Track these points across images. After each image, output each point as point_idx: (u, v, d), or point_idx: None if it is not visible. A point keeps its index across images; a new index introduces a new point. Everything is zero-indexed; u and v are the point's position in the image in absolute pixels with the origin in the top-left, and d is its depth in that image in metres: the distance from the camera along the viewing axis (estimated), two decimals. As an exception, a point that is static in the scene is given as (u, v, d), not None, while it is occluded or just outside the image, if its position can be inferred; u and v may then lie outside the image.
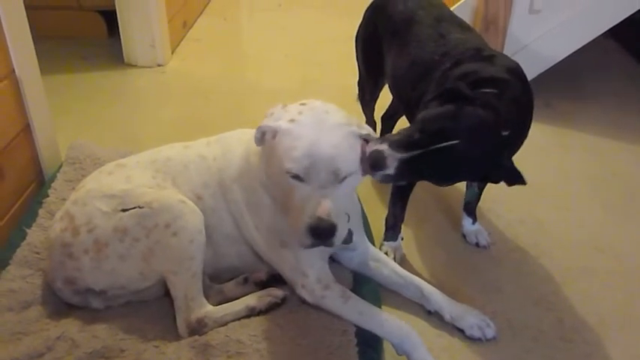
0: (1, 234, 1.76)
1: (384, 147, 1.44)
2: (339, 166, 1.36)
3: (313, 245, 1.38)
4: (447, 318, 1.64)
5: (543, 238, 2.03)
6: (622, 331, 1.69)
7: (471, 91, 1.50)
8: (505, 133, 1.47)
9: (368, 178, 1.51)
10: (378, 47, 2.05)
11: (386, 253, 1.85)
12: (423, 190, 1.90)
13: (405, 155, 1.44)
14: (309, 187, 1.37)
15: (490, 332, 1.62)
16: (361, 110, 2.42)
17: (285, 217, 1.46)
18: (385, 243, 1.89)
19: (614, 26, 2.67)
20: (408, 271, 1.74)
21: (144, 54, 3.18)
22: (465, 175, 1.58)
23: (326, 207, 1.34)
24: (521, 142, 1.65)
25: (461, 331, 1.63)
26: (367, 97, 2.35)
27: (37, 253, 1.67)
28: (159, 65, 3.22)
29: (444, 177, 1.52)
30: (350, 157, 1.41)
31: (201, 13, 4.00)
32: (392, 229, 1.88)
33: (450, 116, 1.47)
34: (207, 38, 3.68)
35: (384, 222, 1.90)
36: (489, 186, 1.81)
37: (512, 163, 1.49)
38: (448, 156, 1.43)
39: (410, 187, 1.85)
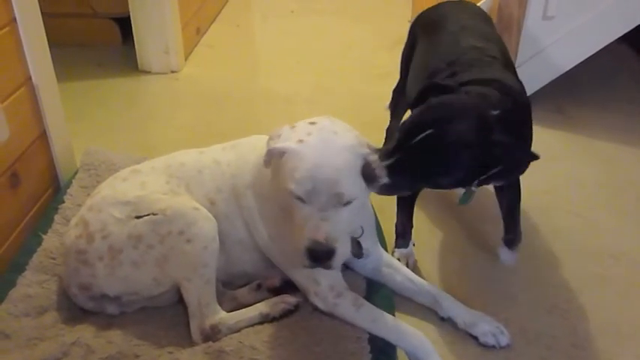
0: (18, 240, 1.77)
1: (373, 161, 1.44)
2: (341, 190, 1.35)
3: (312, 267, 1.39)
4: (460, 325, 1.64)
5: (557, 245, 2.02)
6: (637, 340, 1.67)
7: (451, 83, 1.49)
8: (494, 112, 1.41)
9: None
10: (412, 56, 2.04)
11: (398, 260, 1.84)
12: (435, 196, 1.90)
13: (389, 161, 1.43)
14: (310, 208, 1.36)
15: (504, 340, 1.61)
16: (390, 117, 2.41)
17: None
18: (396, 250, 1.88)
19: (628, 32, 2.65)
20: (421, 277, 1.74)
21: (158, 60, 3.21)
22: (458, 165, 1.43)
23: (324, 231, 1.34)
24: (525, 134, 1.59)
25: (474, 338, 1.63)
26: (394, 107, 2.35)
27: (53, 258, 1.68)
28: (172, 72, 3.25)
29: (438, 173, 1.44)
30: (355, 181, 1.39)
31: (214, 20, 4.03)
32: (402, 237, 1.87)
33: (424, 110, 1.47)
34: (220, 45, 3.70)
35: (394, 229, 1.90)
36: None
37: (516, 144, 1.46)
38: (428, 148, 1.40)
39: (414, 193, 1.82)
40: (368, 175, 1.41)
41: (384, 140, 2.33)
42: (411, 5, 3.82)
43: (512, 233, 1.82)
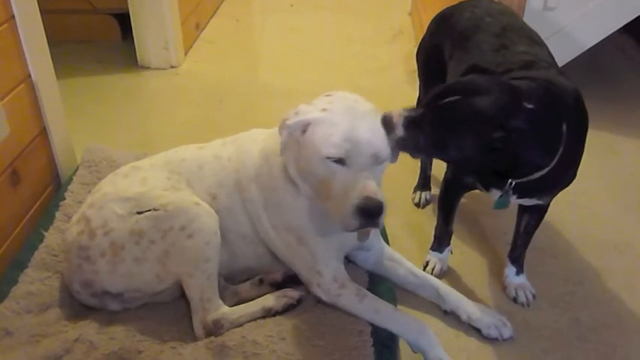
0: (20, 237, 1.77)
1: (394, 111, 1.44)
2: (378, 148, 1.39)
3: (361, 227, 1.38)
4: (463, 318, 1.64)
5: (560, 237, 2.01)
6: (639, 332, 1.67)
7: (497, 70, 1.45)
8: (528, 105, 1.35)
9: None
10: (441, 60, 1.87)
11: (427, 262, 1.84)
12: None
13: (411, 113, 1.43)
14: (350, 170, 1.38)
15: (507, 332, 1.61)
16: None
17: (319, 210, 1.48)
18: (430, 252, 1.86)
19: (629, 22, 2.64)
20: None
21: (157, 56, 3.20)
22: (470, 139, 1.38)
23: (373, 187, 1.36)
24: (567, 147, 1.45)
25: (478, 330, 1.63)
26: None
27: (55, 255, 1.68)
28: (172, 67, 3.25)
29: (450, 141, 1.40)
30: (386, 141, 1.43)
31: (213, 15, 4.02)
32: (437, 240, 1.85)
33: (458, 80, 1.45)
34: (220, 40, 3.69)
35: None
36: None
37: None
38: (449, 113, 1.39)
39: (455, 197, 1.78)
40: (386, 125, 1.43)
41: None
42: (410, -2, 3.81)
43: (520, 250, 1.77)
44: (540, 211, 1.70)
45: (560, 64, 2.58)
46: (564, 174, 1.52)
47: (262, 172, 1.56)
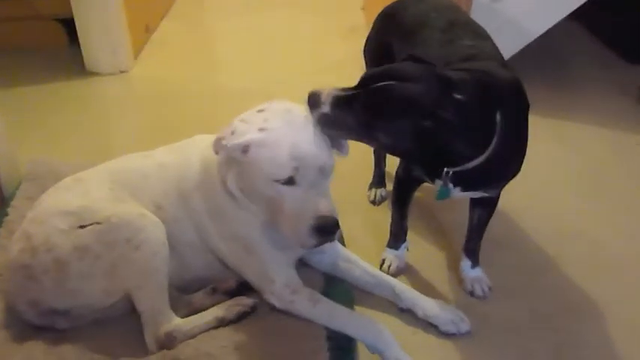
0: (-39, 256, 1.70)
1: (324, 89, 1.42)
2: (324, 160, 1.38)
3: (319, 244, 1.39)
4: (420, 315, 1.63)
5: (514, 227, 2.03)
6: (595, 320, 1.69)
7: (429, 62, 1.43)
8: (458, 97, 1.35)
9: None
10: (388, 57, 1.84)
11: (384, 260, 1.83)
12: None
13: (340, 93, 1.40)
14: (299, 189, 1.36)
15: (464, 327, 1.61)
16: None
17: (269, 226, 1.47)
18: (386, 249, 1.84)
19: (581, 11, 2.66)
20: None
21: (105, 61, 3.12)
22: (399, 125, 1.37)
23: (325, 204, 1.37)
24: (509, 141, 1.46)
25: (435, 327, 1.62)
26: None
27: (-1, 274, 1.62)
28: (122, 72, 3.16)
29: (380, 126, 1.39)
30: (328, 149, 1.41)
31: (164, 16, 3.94)
32: (393, 237, 1.83)
33: (394, 64, 1.45)
34: (172, 42, 3.62)
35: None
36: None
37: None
38: (380, 97, 1.37)
39: (408, 191, 1.76)
40: (312, 101, 1.41)
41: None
42: (362, -7, 3.80)
43: (474, 243, 1.77)
44: (490, 204, 1.70)
45: (509, 55, 2.62)
46: (505, 165, 1.52)
47: (204, 182, 1.53)
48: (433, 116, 1.33)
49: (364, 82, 1.41)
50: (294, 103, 1.47)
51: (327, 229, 1.36)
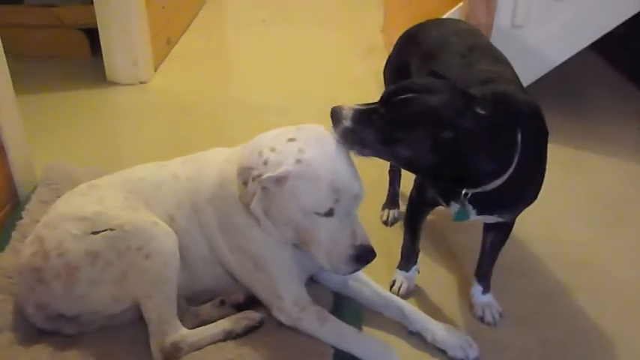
0: (-26, 257, 1.71)
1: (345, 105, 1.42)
2: (358, 189, 1.41)
3: (354, 271, 1.43)
4: (428, 339, 1.61)
5: (527, 254, 2.00)
6: (607, 349, 1.66)
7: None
8: (481, 112, 1.33)
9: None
10: (407, 77, 1.82)
11: (394, 282, 1.81)
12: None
13: (361, 107, 1.40)
14: (337, 219, 1.37)
15: (473, 353, 1.59)
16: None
17: (286, 247, 1.49)
18: (397, 271, 1.83)
19: (598, 41, 2.66)
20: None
21: (126, 72, 3.15)
22: (420, 138, 1.35)
23: (362, 232, 1.40)
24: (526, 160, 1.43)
25: (443, 351, 1.60)
26: None
27: (9, 277, 1.62)
28: (141, 83, 3.19)
29: (401, 139, 1.37)
30: (359, 175, 1.43)
31: (185, 30, 3.98)
32: (404, 259, 1.82)
33: (415, 79, 1.46)
34: (191, 55, 3.66)
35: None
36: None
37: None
38: (401, 110, 1.36)
39: (421, 214, 1.75)
40: (335, 117, 1.41)
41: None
42: (382, 14, 3.82)
43: (486, 268, 1.75)
44: (504, 230, 1.68)
45: (528, 82, 2.62)
46: (522, 189, 1.50)
47: (217, 197, 1.53)
48: (453, 126, 1.32)
49: (386, 96, 1.41)
50: (322, 128, 1.46)
51: (365, 259, 1.39)
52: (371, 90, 3.13)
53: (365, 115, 1.40)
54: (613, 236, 2.13)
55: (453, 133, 1.32)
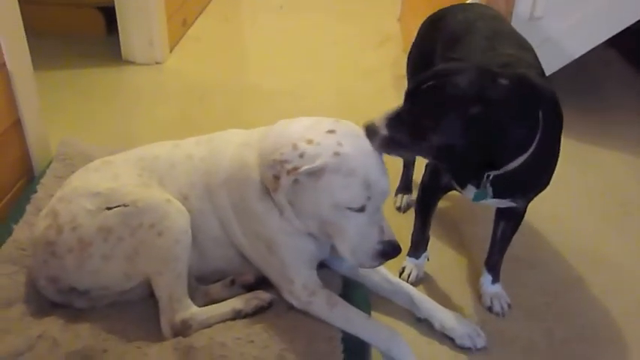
0: (-12, 229, 1.73)
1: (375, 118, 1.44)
2: (387, 186, 1.41)
3: (379, 265, 1.45)
4: (437, 326, 1.62)
5: (538, 248, 2.00)
6: (614, 345, 1.66)
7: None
8: (504, 82, 1.33)
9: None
10: (431, 62, 1.83)
11: (403, 269, 1.82)
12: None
13: (391, 113, 1.41)
14: (366, 215, 1.38)
15: (480, 342, 1.59)
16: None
17: (301, 234, 1.48)
18: (407, 257, 1.83)
19: (616, 36, 2.64)
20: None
21: (142, 51, 3.16)
22: (451, 120, 1.35)
23: (389, 229, 1.41)
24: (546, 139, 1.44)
25: (451, 339, 1.61)
26: None
27: (23, 249, 1.64)
28: (157, 63, 3.20)
29: (431, 128, 1.37)
30: (387, 171, 1.43)
31: (201, 12, 3.98)
32: (414, 246, 1.82)
33: (433, 68, 1.44)
34: (206, 38, 3.66)
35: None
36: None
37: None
38: (426, 100, 1.37)
39: (433, 199, 1.75)
40: (370, 132, 1.42)
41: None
42: (399, 3, 3.80)
43: (496, 258, 1.75)
44: (516, 217, 1.68)
45: (546, 74, 2.60)
46: (538, 173, 1.51)
47: (233, 180, 1.52)
48: (480, 100, 1.31)
49: (410, 91, 1.42)
50: (351, 123, 1.46)
51: (391, 254, 1.40)
52: (385, 79, 3.13)
53: (396, 119, 1.41)
54: (623, 232, 2.12)
55: (481, 107, 1.31)
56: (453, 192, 1.66)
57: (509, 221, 1.69)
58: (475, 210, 2.05)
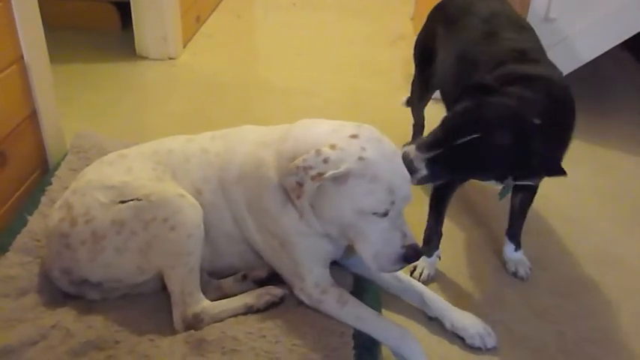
0: (3, 220, 1.75)
1: (410, 149, 1.50)
2: (409, 192, 1.41)
3: (401, 269, 1.45)
4: (447, 325, 1.62)
5: (549, 249, 2.00)
6: (625, 348, 1.66)
7: (495, 84, 1.50)
8: (537, 122, 1.44)
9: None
10: (433, 45, 1.99)
11: (415, 267, 1.82)
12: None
13: (429, 155, 1.48)
14: (389, 220, 1.38)
15: (491, 342, 1.59)
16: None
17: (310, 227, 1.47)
18: None
19: (629, 39, 2.63)
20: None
21: (155, 46, 3.18)
22: (497, 167, 1.51)
23: (410, 234, 1.40)
24: (564, 139, 1.60)
25: (461, 339, 1.61)
26: (416, 101, 2.28)
27: (37, 240, 1.65)
28: (170, 58, 3.22)
29: (476, 171, 1.52)
30: (409, 177, 1.44)
31: (215, 9, 3.99)
32: (426, 244, 1.82)
33: (470, 110, 1.49)
34: (220, 34, 3.67)
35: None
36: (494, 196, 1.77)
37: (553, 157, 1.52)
38: (472, 150, 1.45)
39: (446, 194, 1.78)
40: (409, 166, 1.45)
41: (411, 136, 2.34)
42: (413, 2, 3.79)
43: (517, 227, 1.85)
44: (531, 189, 1.78)
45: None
46: (555, 160, 1.57)
47: (249, 178, 1.51)
48: (523, 148, 1.44)
49: (447, 138, 1.48)
50: (373, 128, 1.46)
51: (413, 258, 1.40)
52: (397, 78, 3.13)
53: (436, 161, 1.49)
54: (636, 234, 2.12)
55: (523, 152, 1.44)
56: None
57: (526, 193, 1.78)
58: (487, 208, 2.05)
